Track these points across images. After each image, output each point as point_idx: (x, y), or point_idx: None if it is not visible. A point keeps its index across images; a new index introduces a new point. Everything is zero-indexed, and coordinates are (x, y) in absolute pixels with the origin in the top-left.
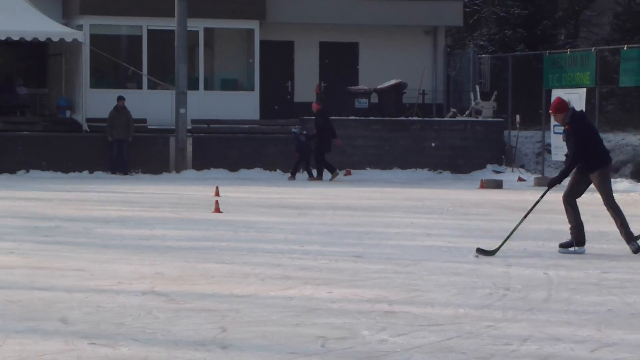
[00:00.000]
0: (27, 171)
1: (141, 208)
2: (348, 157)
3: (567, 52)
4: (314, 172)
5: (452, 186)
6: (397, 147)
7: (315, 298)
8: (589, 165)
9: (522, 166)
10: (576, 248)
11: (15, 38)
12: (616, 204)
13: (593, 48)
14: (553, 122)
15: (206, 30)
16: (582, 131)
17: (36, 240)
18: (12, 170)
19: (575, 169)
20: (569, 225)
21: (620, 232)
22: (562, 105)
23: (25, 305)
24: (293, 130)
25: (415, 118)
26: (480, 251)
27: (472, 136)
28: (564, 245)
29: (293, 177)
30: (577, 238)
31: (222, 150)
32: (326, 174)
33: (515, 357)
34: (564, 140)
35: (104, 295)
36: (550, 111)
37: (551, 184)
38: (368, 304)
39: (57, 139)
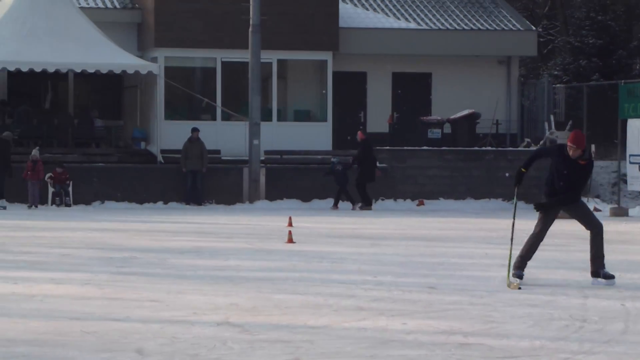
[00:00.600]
0: (102, 202)
1: (215, 239)
2: (421, 187)
3: None
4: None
5: (527, 217)
6: (470, 177)
7: (390, 329)
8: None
9: (598, 196)
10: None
11: (91, 70)
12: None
13: None
14: (629, 152)
15: (279, 62)
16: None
17: (111, 271)
18: (87, 202)
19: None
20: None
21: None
22: (584, 140)
23: (101, 336)
24: (332, 160)
25: (489, 148)
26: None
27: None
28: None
29: (335, 206)
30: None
31: (294, 180)
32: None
33: None
34: (564, 173)
35: (179, 326)
36: (571, 143)
37: (542, 207)
38: (443, 335)
39: (132, 170)
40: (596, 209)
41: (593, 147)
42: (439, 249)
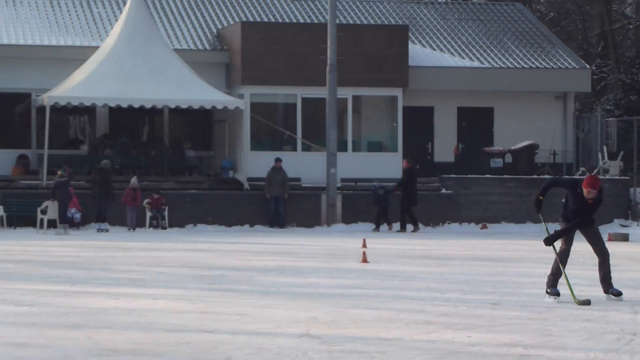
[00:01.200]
0: (195, 225)
1: (296, 258)
2: (484, 212)
3: None
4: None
5: (582, 239)
6: (530, 202)
7: (456, 342)
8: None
9: None
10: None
11: (184, 106)
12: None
13: None
14: None
15: (354, 97)
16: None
17: (203, 288)
18: (181, 225)
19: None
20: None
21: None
22: (599, 183)
23: (194, 347)
24: (373, 184)
25: (547, 176)
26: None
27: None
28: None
29: (377, 229)
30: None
31: (368, 205)
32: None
33: None
34: (573, 208)
35: (264, 338)
36: (590, 188)
37: (550, 241)
38: (505, 347)
39: (221, 197)
40: None
41: None
42: (501, 268)
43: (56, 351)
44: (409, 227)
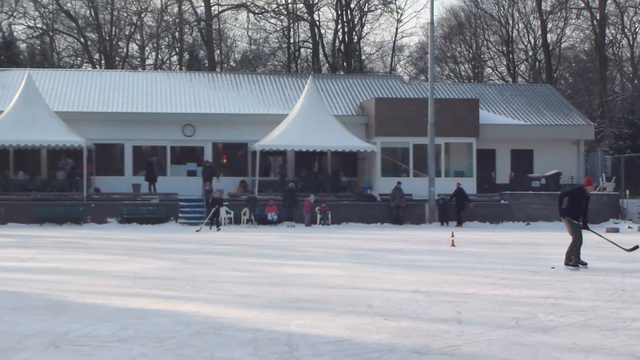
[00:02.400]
0: (347, 223)
1: (410, 244)
2: (528, 215)
3: None
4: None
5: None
6: (556, 208)
7: (511, 295)
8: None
9: (630, 219)
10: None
11: (340, 150)
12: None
13: None
14: None
15: (445, 143)
16: None
17: (353, 261)
18: (338, 223)
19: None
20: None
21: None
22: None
23: (348, 298)
24: (441, 197)
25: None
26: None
27: (601, 202)
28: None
29: (442, 224)
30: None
31: (455, 211)
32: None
33: None
34: (582, 203)
35: (391, 293)
36: (591, 185)
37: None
38: (542, 299)
39: (362, 205)
40: (629, 227)
41: (627, 192)
42: (538, 249)
43: (263, 300)
44: (451, 223)
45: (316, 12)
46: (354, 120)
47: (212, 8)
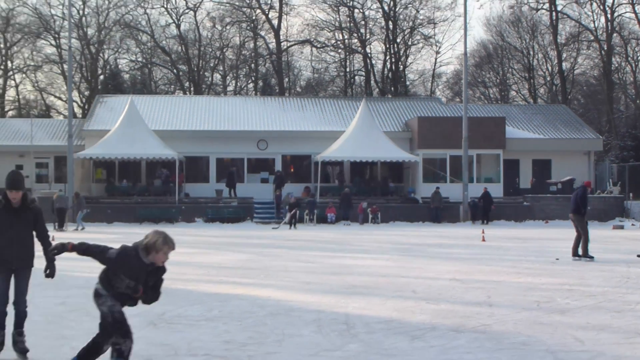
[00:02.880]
0: (394, 222)
1: (447, 239)
2: (547, 214)
3: None
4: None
5: (598, 227)
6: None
7: (533, 282)
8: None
9: (633, 218)
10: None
11: (388, 160)
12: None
13: None
14: None
15: (477, 155)
16: None
17: (400, 254)
18: (387, 222)
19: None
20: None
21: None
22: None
23: (395, 284)
24: (473, 199)
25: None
26: None
27: (608, 203)
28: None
29: (472, 222)
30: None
31: (482, 212)
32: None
33: None
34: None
35: (431, 280)
36: (589, 187)
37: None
38: (559, 285)
39: (407, 207)
40: (633, 224)
41: (631, 194)
42: (556, 243)
43: (325, 286)
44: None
45: (368, 46)
46: (399, 135)
47: (282, 43)
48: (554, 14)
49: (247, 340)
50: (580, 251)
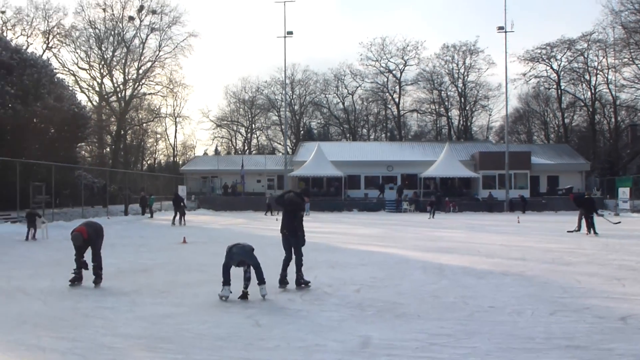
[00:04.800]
0: (465, 212)
1: (495, 221)
2: (556, 208)
3: None
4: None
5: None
6: (570, 203)
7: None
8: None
9: (609, 209)
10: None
11: (460, 176)
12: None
13: None
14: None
15: (514, 173)
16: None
17: (469, 229)
18: (461, 212)
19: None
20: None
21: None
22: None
23: (466, 247)
24: (518, 196)
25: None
26: None
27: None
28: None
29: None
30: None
31: (520, 206)
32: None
33: None
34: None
35: (488, 245)
36: (588, 196)
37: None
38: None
39: (473, 203)
40: (609, 213)
41: (608, 195)
42: (560, 225)
43: (427, 247)
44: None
45: (449, 112)
46: (468, 162)
47: (400, 111)
48: (559, 90)
49: (384, 276)
50: (583, 229)
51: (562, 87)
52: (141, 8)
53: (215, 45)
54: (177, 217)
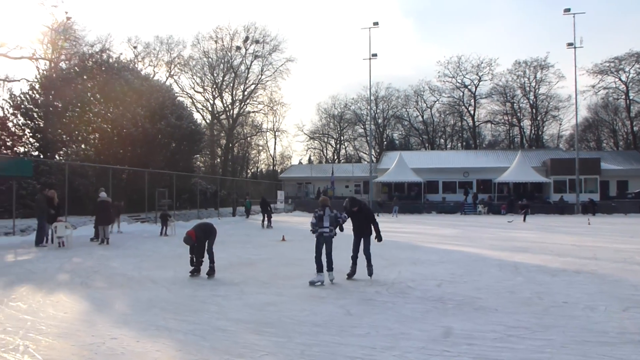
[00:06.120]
0: (537, 214)
1: (567, 223)
2: (625, 210)
3: None
4: None
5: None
6: None
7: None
8: None
9: None
10: None
11: (533, 181)
12: None
13: None
14: None
15: (584, 178)
16: None
17: (542, 230)
18: (533, 214)
19: None
20: None
21: None
22: None
23: (540, 247)
24: (587, 199)
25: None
26: None
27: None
28: None
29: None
30: None
31: (590, 209)
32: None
33: None
34: None
35: (560, 245)
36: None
37: None
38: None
39: (545, 206)
40: None
41: None
42: (630, 227)
43: (502, 246)
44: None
45: (521, 122)
46: (540, 168)
47: (476, 122)
48: (628, 100)
49: (462, 273)
50: None
51: (631, 97)
52: (247, 39)
53: (309, 67)
54: (265, 221)
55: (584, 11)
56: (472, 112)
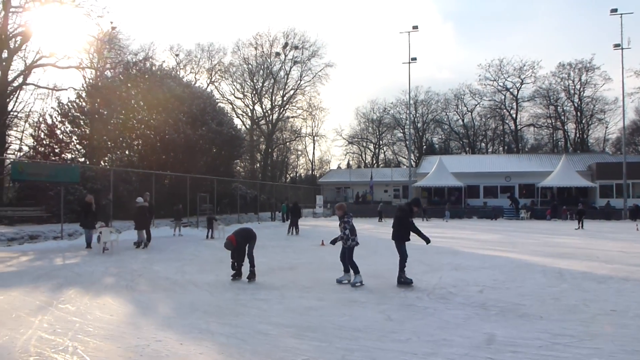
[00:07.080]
0: (585, 219)
1: (613, 229)
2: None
3: None
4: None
5: None
6: None
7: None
8: None
9: None
10: None
11: (578, 186)
12: None
13: None
14: None
15: (632, 183)
16: None
17: (588, 236)
18: (580, 219)
19: None
20: None
21: None
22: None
23: (585, 253)
24: (633, 205)
25: None
26: None
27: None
28: None
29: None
30: None
31: (636, 215)
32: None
33: None
34: None
35: (606, 251)
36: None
37: None
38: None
39: (591, 211)
40: None
41: None
42: None
43: (545, 252)
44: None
45: (565, 125)
46: (585, 173)
47: (518, 125)
48: None
49: (505, 279)
50: None
51: None
52: (286, 45)
53: (348, 72)
54: (292, 227)
55: (632, 11)
56: (514, 115)
